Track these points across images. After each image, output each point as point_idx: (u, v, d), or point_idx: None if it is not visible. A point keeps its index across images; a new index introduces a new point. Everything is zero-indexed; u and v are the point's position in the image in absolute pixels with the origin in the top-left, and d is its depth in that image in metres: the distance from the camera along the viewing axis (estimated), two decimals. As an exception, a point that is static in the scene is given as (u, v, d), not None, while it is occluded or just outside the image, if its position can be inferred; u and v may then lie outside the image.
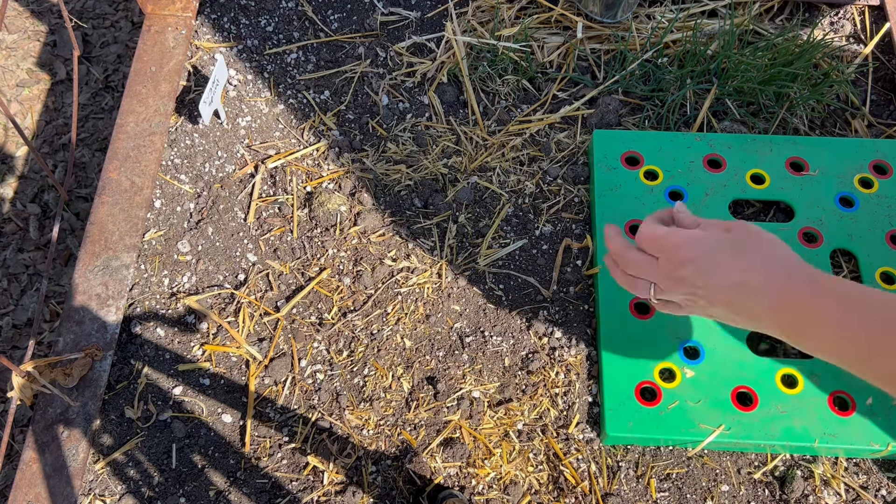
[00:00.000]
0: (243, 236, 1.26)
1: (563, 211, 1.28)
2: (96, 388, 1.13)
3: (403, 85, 1.42)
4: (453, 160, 1.33)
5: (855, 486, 1.07)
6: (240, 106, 1.39)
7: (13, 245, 1.40)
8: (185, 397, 1.14)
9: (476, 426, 1.11)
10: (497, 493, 1.07)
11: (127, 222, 1.26)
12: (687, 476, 1.09)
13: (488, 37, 1.42)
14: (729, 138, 1.29)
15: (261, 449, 1.10)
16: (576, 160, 1.33)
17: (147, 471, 1.09)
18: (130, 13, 1.66)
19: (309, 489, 1.07)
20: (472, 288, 1.22)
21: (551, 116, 1.37)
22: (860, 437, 1.05)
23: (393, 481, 1.08)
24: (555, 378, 1.14)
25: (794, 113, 1.36)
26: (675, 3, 1.49)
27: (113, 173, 1.30)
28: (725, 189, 1.25)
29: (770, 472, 1.09)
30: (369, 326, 1.19)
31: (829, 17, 1.50)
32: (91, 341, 1.16)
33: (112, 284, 1.20)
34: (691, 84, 1.36)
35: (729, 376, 1.10)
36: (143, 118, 1.35)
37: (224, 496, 1.07)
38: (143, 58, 1.42)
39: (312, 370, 1.16)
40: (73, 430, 1.10)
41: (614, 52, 1.43)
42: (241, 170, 1.33)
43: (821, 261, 1.19)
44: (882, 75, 1.44)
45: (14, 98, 1.56)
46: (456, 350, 1.17)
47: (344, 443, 1.11)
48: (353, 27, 1.49)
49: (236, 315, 1.20)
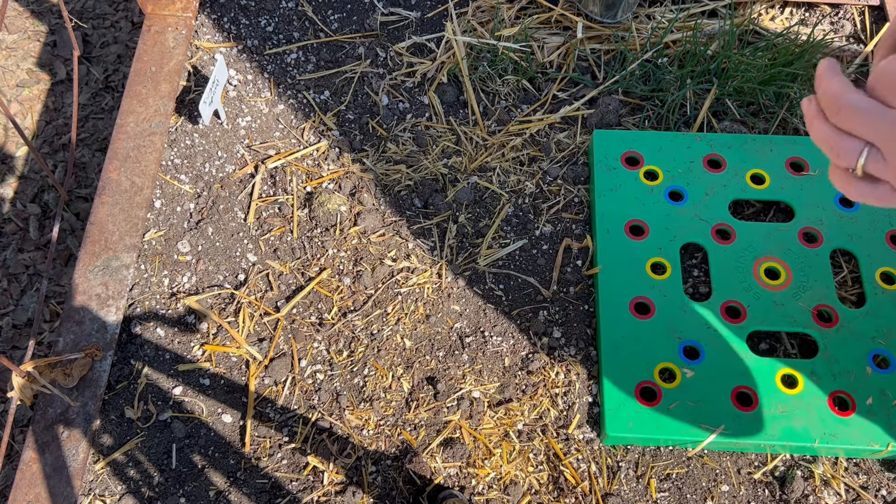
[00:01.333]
0: (243, 236, 1.26)
1: (563, 211, 1.28)
2: (96, 388, 1.13)
3: (403, 85, 1.42)
4: (453, 160, 1.33)
5: (855, 486, 1.07)
6: (240, 106, 1.39)
7: (13, 245, 1.40)
8: (185, 397, 1.14)
9: (476, 426, 1.11)
10: (497, 493, 1.07)
11: (127, 222, 1.26)
12: (687, 476, 1.09)
13: (488, 37, 1.42)
14: (729, 138, 1.29)
15: (261, 449, 1.10)
16: (576, 160, 1.33)
17: (147, 471, 1.09)
18: (130, 13, 1.66)
19: (309, 489, 1.07)
20: (472, 288, 1.22)
21: (551, 116, 1.37)
22: (860, 437, 1.05)
23: (393, 481, 1.08)
24: (555, 378, 1.14)
25: (794, 113, 1.36)
26: (675, 3, 1.49)
27: (113, 173, 1.30)
28: (725, 189, 1.25)
29: (770, 472, 1.09)
30: (369, 326, 1.19)
31: (829, 17, 1.50)
32: (91, 341, 1.15)
33: (112, 284, 1.20)
34: (691, 84, 1.36)
35: (729, 376, 1.10)
36: (143, 118, 1.35)
37: (224, 496, 1.07)
38: (143, 58, 1.42)
39: (312, 370, 1.16)
40: (73, 430, 1.10)
41: (614, 52, 1.43)
42: (241, 170, 1.33)
43: (821, 261, 1.19)
44: (882, 75, 1.44)
45: (14, 98, 1.56)
46: (456, 350, 1.17)
47: (344, 443, 1.11)
48: (353, 27, 1.49)
49: (236, 315, 1.20)
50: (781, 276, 1.18)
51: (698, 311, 1.14)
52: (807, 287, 1.16)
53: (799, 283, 1.17)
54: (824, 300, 1.15)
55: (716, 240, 1.20)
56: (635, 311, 1.15)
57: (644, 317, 1.14)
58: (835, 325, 1.13)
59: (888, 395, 1.07)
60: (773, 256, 1.19)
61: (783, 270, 1.18)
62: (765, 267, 1.18)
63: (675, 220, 1.22)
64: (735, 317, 1.14)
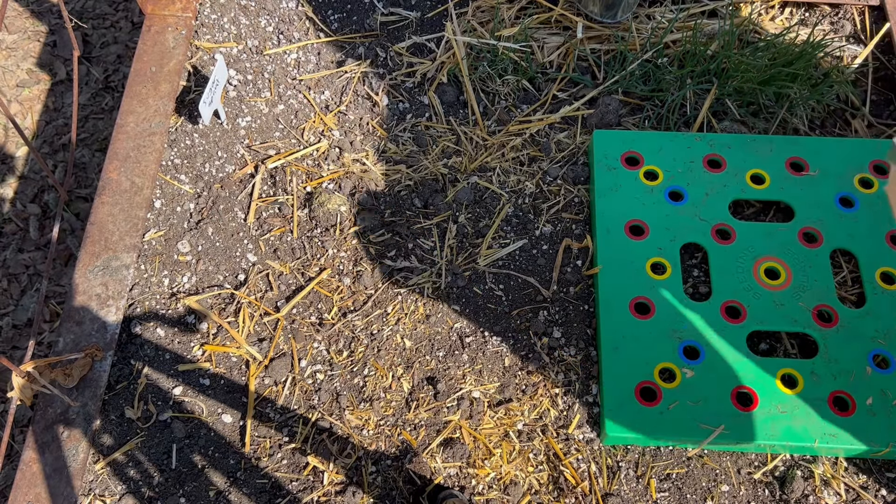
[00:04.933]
0: (243, 236, 1.26)
1: (563, 211, 1.28)
2: (96, 388, 1.13)
3: (403, 85, 1.42)
4: (453, 160, 1.33)
5: (855, 486, 1.07)
6: (240, 106, 1.39)
7: (13, 245, 1.40)
8: (185, 397, 1.14)
9: (476, 426, 1.11)
10: (497, 493, 1.07)
11: (127, 222, 1.26)
12: (687, 476, 1.09)
13: (488, 37, 1.42)
14: (729, 138, 1.29)
15: (261, 449, 1.10)
16: (576, 160, 1.33)
17: (147, 471, 1.09)
18: (130, 13, 1.66)
19: (309, 489, 1.07)
20: (472, 288, 1.22)
21: (551, 116, 1.37)
22: (860, 437, 1.05)
23: (393, 481, 1.08)
24: (555, 378, 1.14)
25: (794, 113, 1.36)
26: (675, 3, 1.49)
27: (113, 173, 1.30)
28: (725, 189, 1.25)
29: (770, 472, 1.09)
30: (369, 326, 1.19)
31: (829, 17, 1.50)
32: (91, 341, 1.15)
33: (112, 284, 1.20)
34: (691, 84, 1.36)
35: (729, 376, 1.09)
36: (143, 118, 1.35)
37: (224, 496, 1.07)
38: (143, 58, 1.42)
39: (312, 370, 1.16)
40: (73, 430, 1.10)
41: (614, 52, 1.43)
42: (241, 170, 1.32)
43: (821, 261, 1.19)
44: (882, 75, 1.44)
45: (14, 98, 1.56)
46: (456, 350, 1.17)
47: (344, 443, 1.11)
48: (353, 27, 1.49)
49: (236, 315, 1.20)
50: (781, 276, 1.18)
51: (698, 311, 1.14)
52: (807, 287, 1.16)
53: (799, 283, 1.17)
54: (824, 300, 1.15)
55: (716, 240, 1.20)
56: (635, 311, 1.15)
57: (644, 317, 1.14)
58: (835, 325, 1.13)
59: (888, 395, 1.07)
60: (773, 256, 1.19)
61: (783, 270, 1.18)
62: (765, 267, 1.18)
63: (675, 220, 1.22)
64: (735, 317, 1.14)
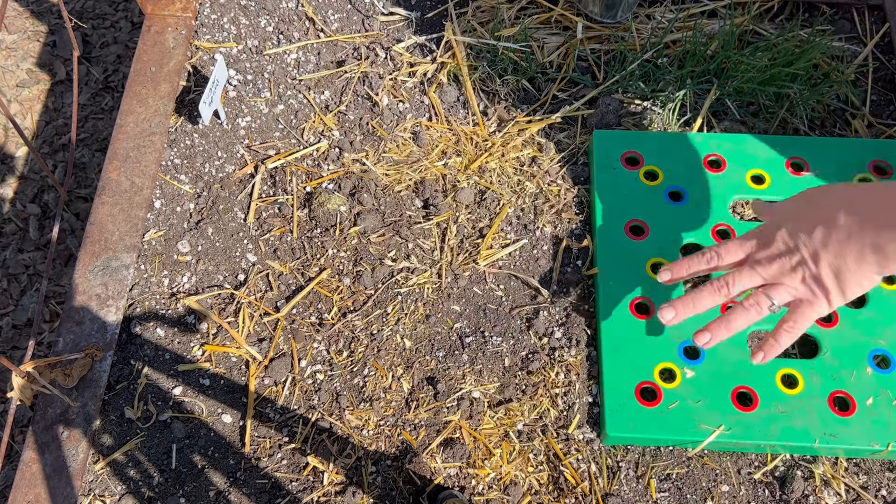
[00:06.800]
0: (243, 236, 1.26)
1: (564, 211, 1.28)
2: (96, 388, 1.13)
3: (403, 85, 1.42)
4: (453, 160, 1.33)
5: (855, 486, 1.07)
6: (240, 106, 1.39)
7: (13, 245, 1.40)
8: (185, 397, 1.14)
9: (476, 426, 1.11)
10: (497, 494, 1.07)
11: (127, 222, 1.26)
12: (687, 476, 1.09)
13: (488, 37, 1.42)
14: (729, 138, 1.29)
15: (261, 449, 1.10)
16: (576, 160, 1.33)
17: (147, 471, 1.09)
18: (130, 13, 1.66)
19: (309, 489, 1.07)
20: (472, 288, 1.22)
21: (551, 116, 1.37)
22: (860, 437, 1.05)
23: (393, 481, 1.08)
24: (555, 378, 1.14)
25: (794, 113, 1.36)
26: (675, 3, 1.49)
27: (113, 173, 1.30)
28: (726, 189, 1.25)
29: (770, 473, 1.09)
30: (369, 327, 1.19)
31: (829, 17, 1.50)
32: (91, 341, 1.16)
33: (112, 284, 1.20)
34: (691, 84, 1.36)
35: (729, 376, 1.10)
36: (143, 118, 1.35)
37: (224, 496, 1.07)
38: (142, 58, 1.42)
39: (312, 370, 1.16)
40: (73, 431, 1.10)
41: (614, 52, 1.43)
42: (241, 170, 1.33)
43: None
44: (882, 75, 1.44)
45: (14, 98, 1.56)
46: (456, 350, 1.17)
47: (344, 443, 1.11)
48: (353, 27, 1.49)
49: (236, 315, 1.20)
50: (781, 276, 1.17)
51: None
52: (807, 287, 1.16)
53: (799, 283, 1.17)
54: (824, 300, 1.15)
55: (716, 240, 1.20)
56: (635, 311, 1.15)
57: (644, 317, 1.14)
58: (835, 325, 1.13)
59: (888, 395, 1.07)
60: (773, 256, 1.19)
61: (783, 270, 1.18)
62: (765, 267, 1.18)
63: (676, 221, 1.22)
64: (735, 317, 1.14)
